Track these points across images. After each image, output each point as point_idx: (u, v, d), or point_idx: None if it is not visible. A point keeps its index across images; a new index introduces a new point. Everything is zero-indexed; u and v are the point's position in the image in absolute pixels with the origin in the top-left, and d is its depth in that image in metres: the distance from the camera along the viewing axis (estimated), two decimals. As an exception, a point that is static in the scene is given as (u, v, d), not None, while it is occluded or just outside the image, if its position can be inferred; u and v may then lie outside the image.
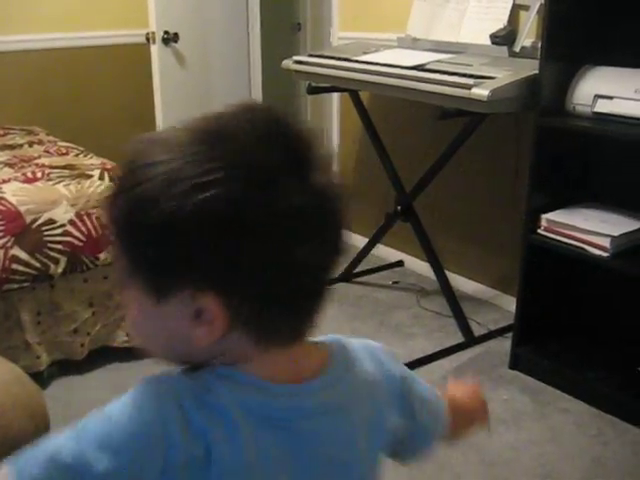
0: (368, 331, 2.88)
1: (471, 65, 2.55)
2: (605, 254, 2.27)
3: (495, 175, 2.98)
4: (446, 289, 2.89)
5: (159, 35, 3.77)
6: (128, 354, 2.61)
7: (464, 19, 2.94)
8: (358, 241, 3.69)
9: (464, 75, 2.42)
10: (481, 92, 2.29)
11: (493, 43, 2.73)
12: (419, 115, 3.22)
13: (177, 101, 3.97)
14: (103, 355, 2.62)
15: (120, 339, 2.62)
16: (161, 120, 3.90)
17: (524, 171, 2.57)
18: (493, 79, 2.37)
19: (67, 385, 2.52)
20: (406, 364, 2.55)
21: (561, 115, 2.39)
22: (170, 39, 3.82)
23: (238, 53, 4.49)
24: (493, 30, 2.75)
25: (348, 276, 3.36)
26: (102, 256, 2.49)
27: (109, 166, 2.78)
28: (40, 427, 1.54)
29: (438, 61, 2.66)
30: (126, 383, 2.24)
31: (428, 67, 2.59)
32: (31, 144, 3.35)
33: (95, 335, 2.57)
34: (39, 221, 2.40)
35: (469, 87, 2.33)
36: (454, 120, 2.59)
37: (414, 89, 2.50)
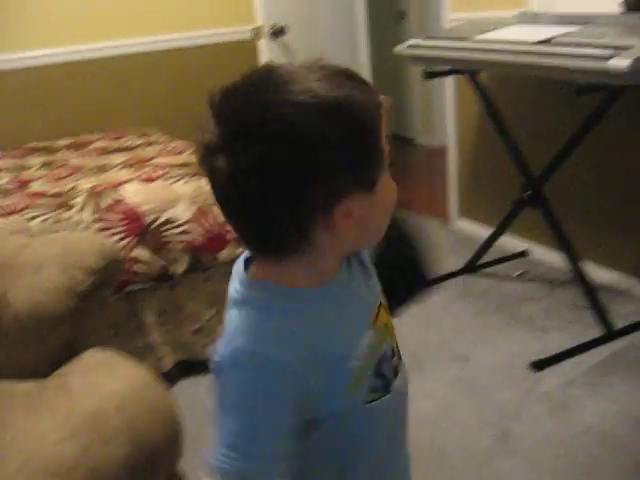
0: (497, 326, 2.72)
1: (604, 36, 2.35)
2: None
3: (632, 154, 2.76)
4: (581, 278, 2.69)
5: (266, 29, 3.73)
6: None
7: (591, -13, 2.73)
8: (479, 231, 3.54)
9: (598, 46, 2.23)
10: (620, 63, 2.09)
11: (626, 9, 2.52)
12: (544, 95, 3.03)
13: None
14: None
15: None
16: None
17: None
18: (631, 48, 2.17)
19: (191, 386, 2.49)
20: (542, 360, 2.41)
21: None
22: (277, 32, 3.77)
23: (345, 43, 4.41)
24: (623, -4, 2.54)
25: (472, 268, 3.21)
26: (223, 254, 2.44)
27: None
28: (172, 432, 1.50)
29: (566, 34, 2.48)
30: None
31: (556, 41, 2.41)
32: (147, 145, 3.38)
33: (218, 334, 2.54)
34: (159, 221, 2.39)
35: (606, 58, 2.14)
36: (583, 98, 2.40)
37: (544, 65, 2.32)
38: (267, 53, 3.76)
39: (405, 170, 5.37)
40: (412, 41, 2.92)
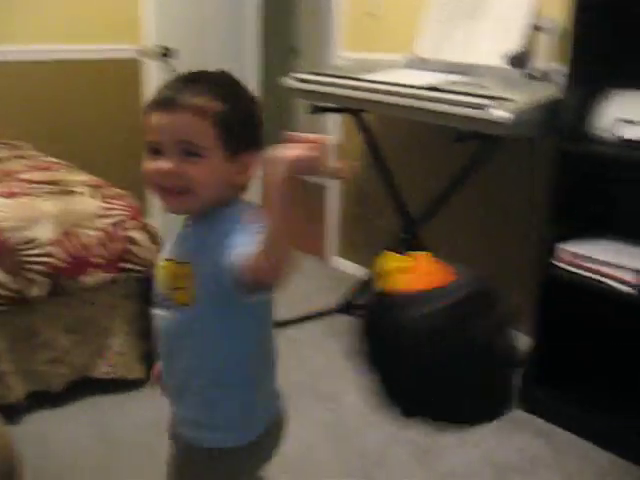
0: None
1: (486, 86, 2.41)
2: (630, 289, 2.12)
3: (508, 204, 2.82)
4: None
5: (155, 49, 3.62)
6: (110, 386, 2.42)
7: (477, 40, 2.80)
8: (357, 270, 3.53)
9: (481, 96, 2.28)
10: (503, 114, 2.14)
11: (509, 65, 2.59)
12: (427, 139, 3.07)
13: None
14: (83, 387, 2.42)
15: (102, 369, 2.42)
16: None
17: (538, 200, 2.43)
18: (512, 101, 2.22)
19: (43, 419, 2.31)
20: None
21: (583, 140, 2.25)
22: (167, 54, 3.66)
23: (236, 72, 4.34)
24: (506, 51, 2.62)
25: (347, 307, 3.18)
26: (86, 279, 2.29)
27: (96, 183, 2.59)
28: (7, 469, 1.35)
29: (451, 82, 2.52)
30: (107, 418, 2.03)
31: (441, 87, 2.44)
32: (15, 158, 3.16)
33: (75, 365, 2.37)
34: (18, 239, 2.21)
35: (487, 108, 2.18)
36: (464, 146, 2.44)
37: (429, 110, 2.34)
38: (152, 73, 3.63)
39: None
40: (300, 75, 2.90)
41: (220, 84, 1.17)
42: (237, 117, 1.14)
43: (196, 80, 1.15)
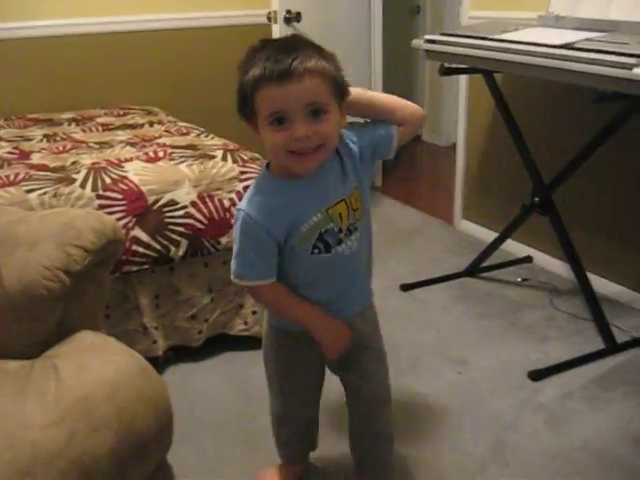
0: (497, 331, 2.67)
1: (627, 43, 2.29)
2: None
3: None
4: (586, 290, 2.64)
5: (281, 14, 3.66)
6: (245, 343, 2.52)
7: (616, -6, 2.67)
8: (484, 233, 3.49)
9: (623, 54, 2.18)
10: (646, 72, 2.04)
11: (652, 19, 2.46)
12: (561, 100, 2.98)
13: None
14: (220, 343, 2.54)
15: (238, 327, 2.52)
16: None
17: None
18: (656, 59, 2.11)
19: (182, 372, 2.44)
20: (541, 370, 2.36)
21: None
22: (292, 18, 3.70)
23: (360, 34, 4.33)
24: (650, 5, 2.48)
25: (474, 270, 3.16)
26: (223, 240, 2.39)
27: (232, 147, 2.68)
28: (163, 422, 1.45)
29: (588, 40, 2.42)
30: (241, 372, 2.16)
31: (578, 46, 2.35)
32: (152, 124, 3.31)
33: (213, 322, 2.49)
34: (161, 202, 2.32)
35: (630, 67, 2.09)
36: (599, 108, 2.34)
37: (565, 69, 2.26)
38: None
39: (411, 167, 5.31)
40: (429, 36, 2.86)
41: (312, 46, 1.30)
42: (337, 71, 1.31)
43: (295, 47, 1.26)
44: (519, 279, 3.12)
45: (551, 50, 2.34)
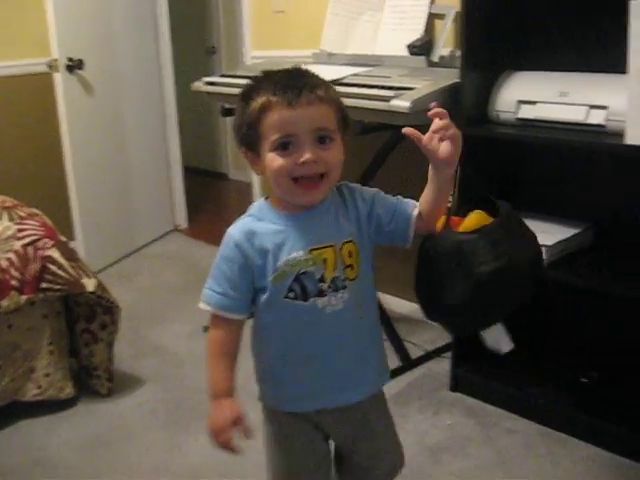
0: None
1: (389, 77, 2.45)
2: (540, 264, 2.18)
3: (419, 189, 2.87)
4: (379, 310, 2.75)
5: (62, 62, 3.55)
6: (38, 408, 2.39)
7: (379, 31, 2.84)
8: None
9: (383, 87, 2.32)
10: (401, 103, 2.18)
11: (411, 54, 2.64)
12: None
13: (86, 130, 3.75)
14: (13, 411, 2.39)
15: (31, 392, 2.39)
16: (69, 151, 3.67)
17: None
18: (413, 89, 2.27)
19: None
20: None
21: (485, 123, 2.32)
22: (75, 66, 3.60)
23: (149, 78, 4.31)
24: (409, 41, 2.67)
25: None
26: (4, 303, 2.26)
27: (9, 204, 2.54)
28: None
29: (355, 75, 2.55)
30: (40, 439, 2.01)
31: (345, 81, 2.47)
32: None
33: (2, 390, 2.34)
34: None
35: (388, 99, 2.22)
36: (373, 137, 2.48)
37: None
38: (63, 87, 3.57)
39: (218, 206, 5.34)
40: (208, 78, 2.90)
41: (318, 76, 1.29)
42: (339, 100, 1.30)
43: (303, 75, 1.27)
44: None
45: (319, 87, 2.44)
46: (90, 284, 2.37)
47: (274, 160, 1.23)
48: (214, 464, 2.13)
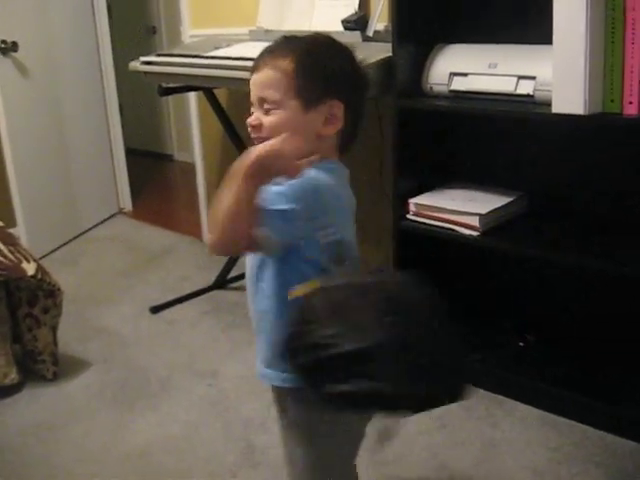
0: (246, 339, 2.73)
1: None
2: (475, 233, 2.25)
3: (361, 162, 2.91)
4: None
5: (-7, 45, 3.48)
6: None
7: (315, 7, 2.85)
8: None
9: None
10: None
11: (345, 29, 2.66)
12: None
13: (23, 114, 3.69)
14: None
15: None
16: (6, 135, 3.61)
17: (389, 156, 2.52)
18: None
19: None
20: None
21: (419, 96, 2.35)
22: (8, 49, 3.53)
23: (88, 60, 4.25)
24: (345, 16, 2.68)
25: (222, 282, 3.22)
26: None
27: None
28: None
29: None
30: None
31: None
32: None
33: None
34: None
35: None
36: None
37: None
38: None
39: (163, 187, 5.31)
40: (144, 58, 2.87)
41: (297, 43, 1.25)
42: (307, 70, 1.22)
43: (280, 42, 1.26)
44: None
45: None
46: (30, 268, 2.36)
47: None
48: (162, 442, 2.16)
